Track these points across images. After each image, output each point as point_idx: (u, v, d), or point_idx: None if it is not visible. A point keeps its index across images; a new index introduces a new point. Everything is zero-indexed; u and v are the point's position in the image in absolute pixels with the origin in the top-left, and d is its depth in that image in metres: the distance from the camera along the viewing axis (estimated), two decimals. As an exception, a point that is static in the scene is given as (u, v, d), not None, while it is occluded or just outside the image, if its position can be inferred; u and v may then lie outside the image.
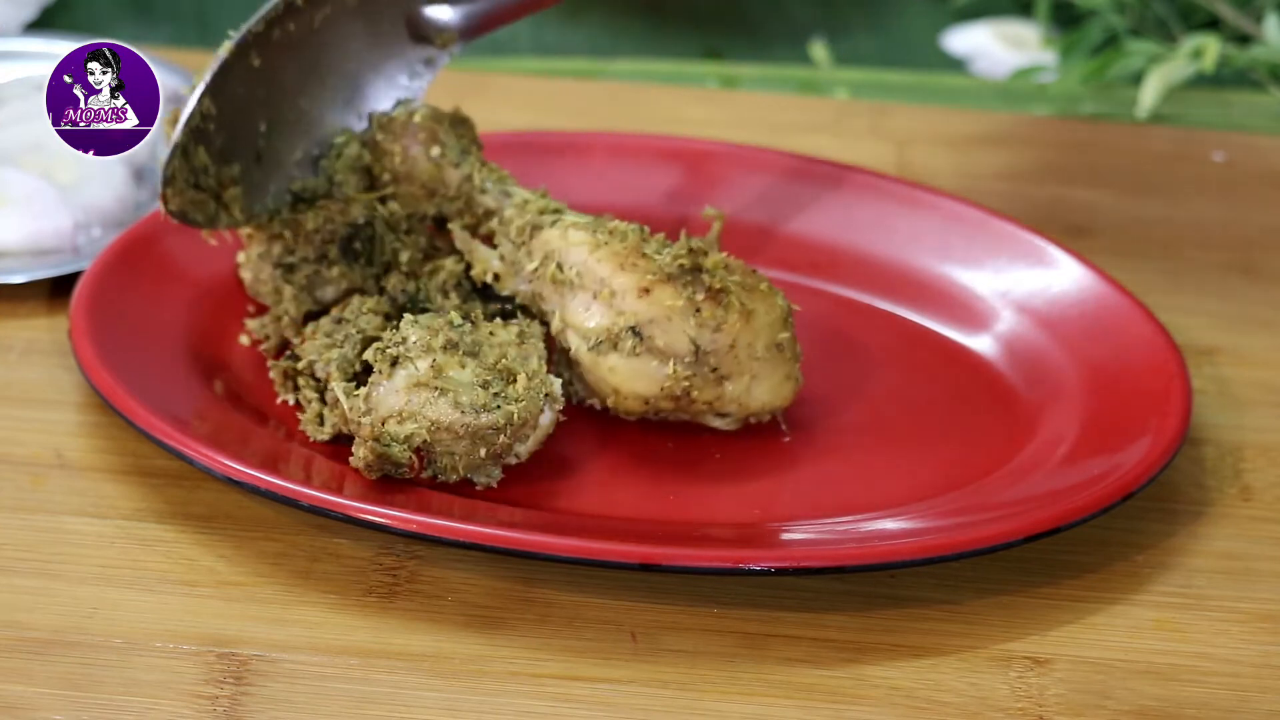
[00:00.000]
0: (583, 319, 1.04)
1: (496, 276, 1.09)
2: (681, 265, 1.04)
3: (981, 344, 1.15)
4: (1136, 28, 1.49)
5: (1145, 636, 1.00)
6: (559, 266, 1.05)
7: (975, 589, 1.01)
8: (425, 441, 1.01)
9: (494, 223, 1.10)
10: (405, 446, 1.01)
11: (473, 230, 1.12)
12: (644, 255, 1.04)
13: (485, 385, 1.02)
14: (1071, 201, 1.31)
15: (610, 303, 1.03)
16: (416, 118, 1.13)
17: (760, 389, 1.05)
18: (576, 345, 1.04)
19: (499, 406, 1.01)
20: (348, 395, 1.03)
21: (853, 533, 1.01)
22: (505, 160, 1.20)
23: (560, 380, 1.04)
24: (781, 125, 1.37)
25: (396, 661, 0.96)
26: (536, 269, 1.06)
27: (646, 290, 1.03)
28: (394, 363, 1.02)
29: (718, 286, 1.03)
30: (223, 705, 0.93)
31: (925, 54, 1.53)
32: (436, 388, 1.01)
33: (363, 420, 1.01)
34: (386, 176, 1.13)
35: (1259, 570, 1.04)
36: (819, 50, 1.50)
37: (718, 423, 1.06)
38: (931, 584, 1.01)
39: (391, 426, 1.01)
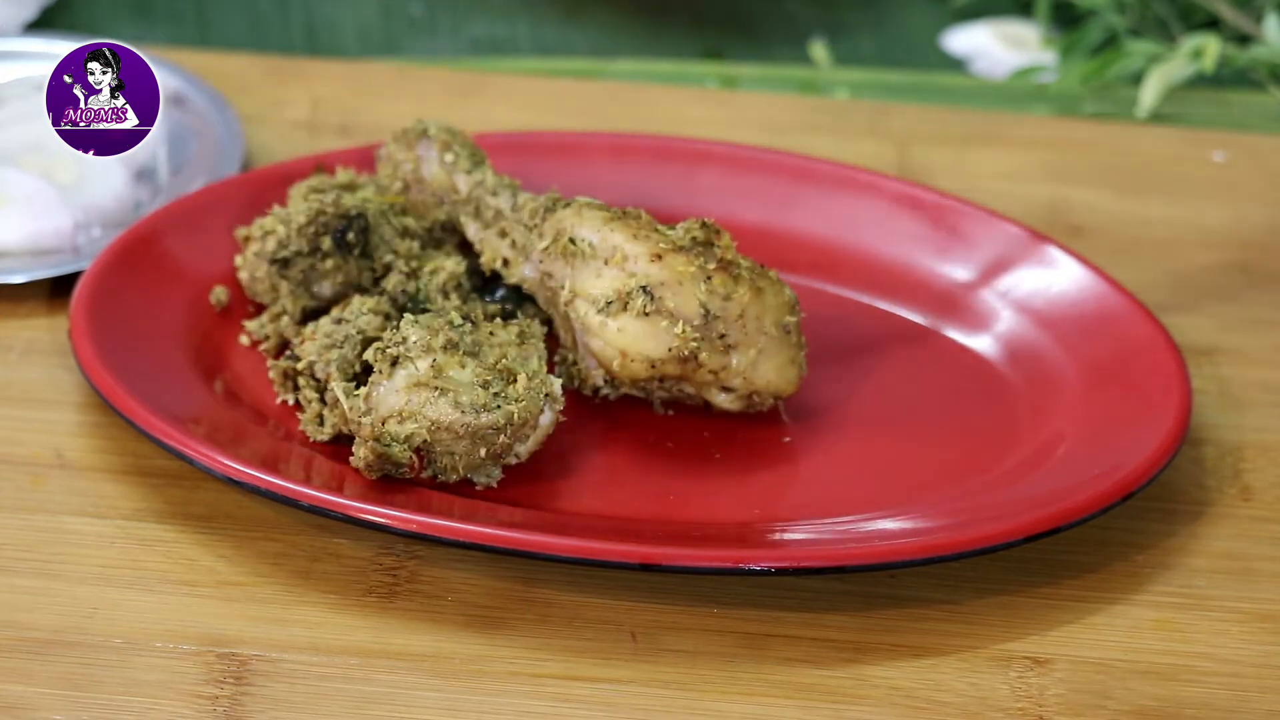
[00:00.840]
0: (593, 284, 1.04)
1: (505, 262, 1.10)
2: (694, 238, 1.05)
3: (981, 344, 1.15)
4: (1136, 28, 1.49)
5: (1145, 636, 1.00)
6: (571, 240, 1.05)
7: (975, 589, 1.01)
8: (425, 441, 1.01)
9: (504, 222, 1.11)
10: (405, 446, 1.01)
11: None
12: (656, 229, 1.05)
13: (485, 385, 1.02)
14: (1071, 201, 1.31)
15: (623, 266, 1.04)
16: (431, 130, 1.15)
17: (766, 366, 1.05)
18: (585, 312, 1.04)
19: (499, 406, 1.01)
20: (348, 395, 1.03)
21: (853, 533, 1.01)
22: (505, 160, 1.20)
23: (560, 380, 1.04)
24: (781, 125, 1.37)
25: (396, 661, 0.96)
26: (548, 247, 1.06)
27: (659, 256, 1.04)
28: (394, 362, 1.02)
29: (729, 259, 1.04)
30: (223, 705, 0.93)
31: (925, 54, 1.53)
32: (437, 387, 1.01)
33: (363, 420, 1.01)
34: (399, 185, 1.15)
35: (1259, 570, 1.04)
36: (819, 50, 1.50)
37: (721, 399, 1.06)
38: (931, 584, 1.01)
39: (392, 426, 1.01)
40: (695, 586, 1.00)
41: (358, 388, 1.03)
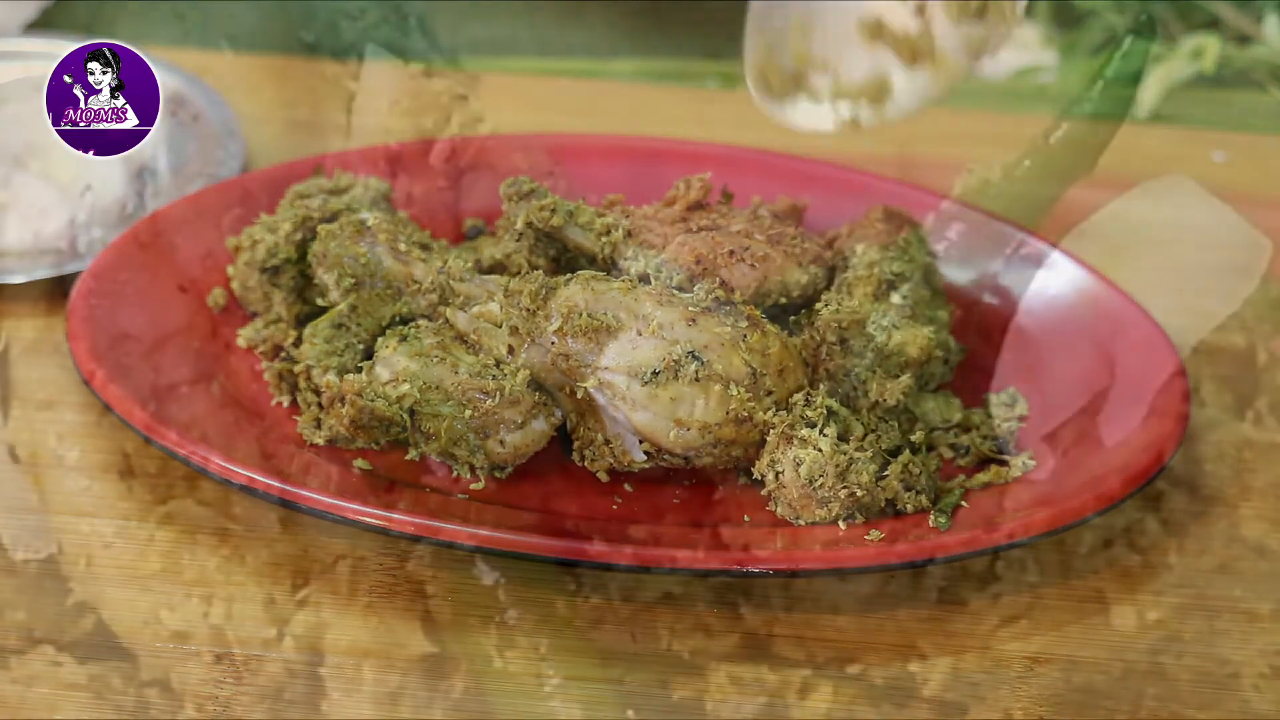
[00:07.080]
0: (631, 355, 1.01)
1: (511, 349, 1.05)
2: (716, 298, 1.03)
3: (979, 346, 1.15)
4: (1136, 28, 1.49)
5: (1145, 636, 1.00)
6: (589, 315, 1.02)
7: (975, 589, 1.01)
8: (416, 401, 1.01)
9: (485, 306, 1.06)
10: (397, 406, 1.01)
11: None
12: (675, 294, 1.03)
13: (485, 368, 1.03)
14: (1071, 201, 1.31)
15: (660, 334, 1.01)
16: (370, 221, 1.09)
17: None
18: (627, 385, 1.01)
19: (493, 378, 1.02)
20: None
21: (852, 534, 1.01)
22: (506, 160, 1.20)
23: (561, 410, 1.04)
24: (781, 125, 1.36)
25: (397, 661, 0.96)
26: (561, 326, 1.03)
27: (693, 320, 1.02)
28: (402, 340, 1.03)
29: (755, 315, 1.03)
30: (223, 705, 0.93)
31: (925, 54, 1.52)
32: (438, 357, 1.02)
33: (348, 378, 1.01)
34: (349, 281, 1.08)
35: (1259, 570, 1.04)
36: (819, 50, 1.50)
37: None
38: (932, 584, 1.01)
39: (385, 389, 1.01)
40: (696, 587, 1.00)
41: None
